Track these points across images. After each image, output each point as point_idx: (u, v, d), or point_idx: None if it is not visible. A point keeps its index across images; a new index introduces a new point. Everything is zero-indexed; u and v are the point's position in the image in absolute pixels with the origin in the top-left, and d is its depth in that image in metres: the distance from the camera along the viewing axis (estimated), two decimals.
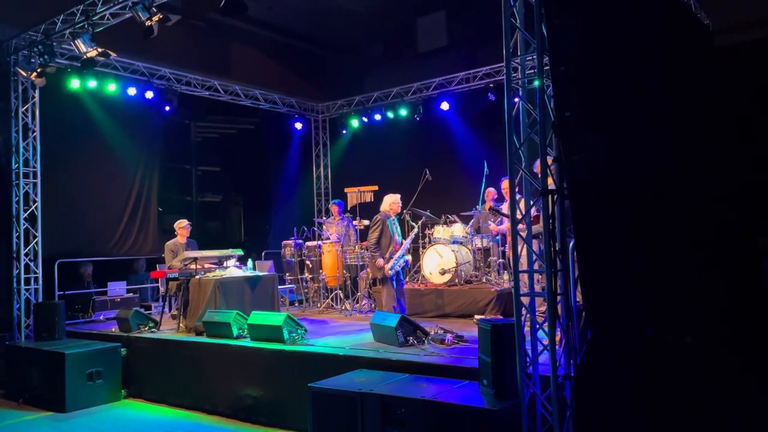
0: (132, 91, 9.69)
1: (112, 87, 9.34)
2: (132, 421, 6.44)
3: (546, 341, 4.06)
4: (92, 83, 8.99)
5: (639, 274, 4.02)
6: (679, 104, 4.80)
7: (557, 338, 4.14)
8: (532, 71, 4.42)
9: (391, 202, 7.70)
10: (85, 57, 7.53)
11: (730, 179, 5.30)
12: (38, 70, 7.94)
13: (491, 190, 8.98)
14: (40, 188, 8.47)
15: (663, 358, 3.78)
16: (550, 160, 4.21)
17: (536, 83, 4.18)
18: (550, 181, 4.18)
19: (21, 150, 8.34)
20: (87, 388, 6.94)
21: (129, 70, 9.66)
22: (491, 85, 10.24)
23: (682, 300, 3.93)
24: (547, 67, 4.12)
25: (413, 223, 8.58)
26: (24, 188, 8.35)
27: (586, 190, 4.01)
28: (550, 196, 4.08)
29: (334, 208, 10.05)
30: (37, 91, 8.47)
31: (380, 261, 7.36)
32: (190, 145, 13.51)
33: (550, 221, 4.05)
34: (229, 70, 11.24)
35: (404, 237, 8.02)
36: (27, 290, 8.28)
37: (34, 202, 8.41)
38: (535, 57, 4.19)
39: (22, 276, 8.23)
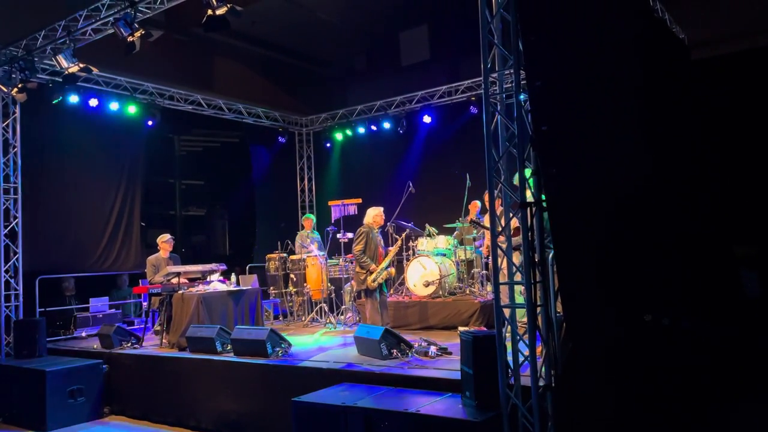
0: (114, 105, 9.67)
1: (94, 102, 9.29)
2: None
3: (527, 352, 4.10)
4: (74, 98, 8.95)
5: (617, 284, 4.08)
6: (655, 117, 4.90)
7: (538, 350, 4.18)
8: (511, 86, 4.49)
9: (375, 214, 7.73)
10: (66, 72, 7.51)
11: (706, 189, 5.41)
12: (19, 86, 7.90)
13: (476, 202, 9.05)
14: (21, 204, 8.40)
15: (643, 366, 3.84)
16: (528, 173, 4.27)
17: (514, 98, 4.25)
18: (528, 193, 4.24)
19: (1, 166, 8.28)
20: (68, 406, 6.85)
21: (111, 84, 9.63)
22: (473, 99, 10.35)
23: (659, 310, 3.99)
24: (524, 82, 4.19)
25: (396, 236, 8.62)
26: (4, 204, 8.27)
27: (564, 202, 4.08)
28: (528, 209, 4.14)
29: (308, 222, 10.14)
30: (17, 107, 8.42)
31: (373, 266, 7.37)
32: (173, 159, 13.49)
33: (529, 233, 4.10)
34: (212, 84, 11.26)
35: (387, 249, 8.05)
36: (7, 307, 8.17)
37: (15, 218, 8.33)
38: (513, 72, 4.27)
39: (2, 293, 8.13)
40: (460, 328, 7.36)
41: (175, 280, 7.79)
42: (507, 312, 4.37)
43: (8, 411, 7.10)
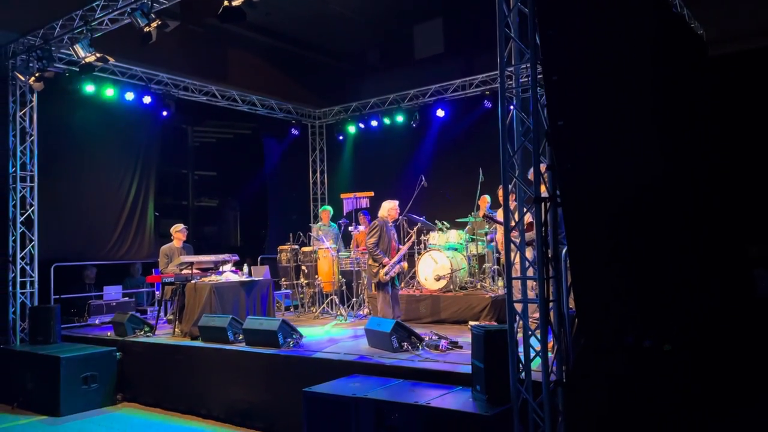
0: (130, 96, 9.74)
1: (110, 92, 9.38)
2: (127, 425, 6.44)
3: (539, 347, 4.10)
4: (90, 88, 9.02)
5: (630, 281, 4.06)
6: (672, 114, 4.86)
7: (550, 345, 4.18)
8: (527, 80, 4.47)
9: (390, 208, 7.74)
10: (83, 62, 7.57)
11: (721, 188, 5.36)
12: (36, 75, 7.97)
13: (485, 197, 9.04)
14: (37, 192, 8.49)
15: (650, 365, 3.82)
16: (543, 168, 4.25)
17: (530, 92, 4.23)
18: (543, 188, 4.22)
19: (18, 154, 8.37)
20: (82, 393, 6.95)
21: (127, 75, 9.70)
22: (487, 93, 10.32)
23: (671, 307, 3.97)
24: (540, 77, 4.17)
25: (410, 229, 8.63)
26: (21, 192, 8.36)
27: (579, 198, 4.06)
28: (542, 204, 4.12)
29: (325, 214, 10.10)
30: (35, 96, 8.50)
31: (386, 260, 7.39)
32: (187, 150, 13.57)
33: (543, 228, 4.09)
34: (226, 76, 11.30)
35: (401, 243, 8.06)
36: (23, 294, 8.28)
37: (31, 206, 8.43)
38: (529, 66, 4.25)
39: (18, 279, 8.24)
40: (471, 323, 7.36)
41: (187, 270, 7.84)
42: (519, 307, 4.37)
43: (22, 397, 7.19)
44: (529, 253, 5.08)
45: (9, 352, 7.75)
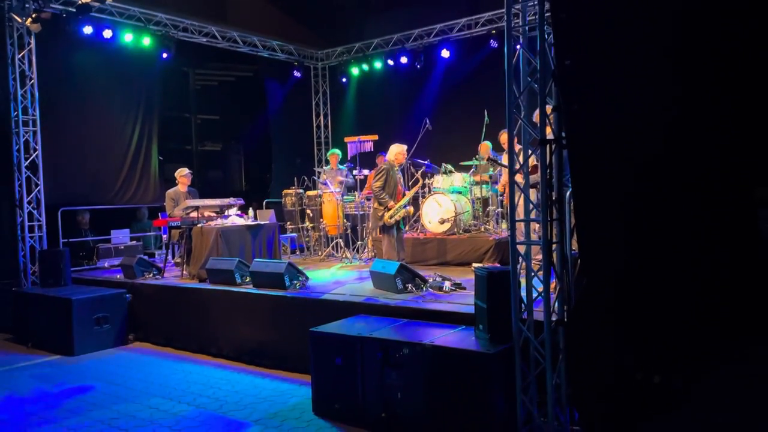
0: (128, 37, 9.57)
1: (108, 33, 9.19)
2: (139, 362, 6.64)
3: (541, 288, 4.15)
4: (88, 29, 8.84)
5: (634, 223, 4.07)
6: (682, 52, 4.74)
7: (552, 285, 4.23)
8: (534, 18, 4.36)
9: (397, 152, 7.70)
10: (80, 2, 7.41)
11: (735, 129, 5.29)
12: (33, 16, 7.82)
13: (486, 144, 8.91)
14: (41, 136, 8.47)
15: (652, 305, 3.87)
16: (549, 109, 4.20)
17: (537, 31, 4.13)
18: (548, 130, 4.18)
19: (19, 98, 8.30)
20: (94, 333, 7.14)
21: (125, 15, 9.48)
22: (493, 32, 10.09)
23: (675, 247, 3.99)
24: (548, 14, 4.05)
25: (415, 172, 8.61)
26: (24, 136, 8.34)
27: (585, 140, 4.01)
28: (548, 146, 4.09)
29: (334, 158, 9.99)
30: (32, 38, 8.35)
31: (392, 203, 7.43)
32: (188, 93, 13.43)
33: (548, 171, 4.08)
34: (226, 16, 11.04)
35: (406, 187, 8.06)
36: (31, 238, 8.39)
37: (35, 150, 8.43)
38: (536, 3, 4.13)
39: (26, 224, 8.33)
40: (475, 265, 7.44)
41: (194, 214, 7.90)
42: (522, 249, 4.40)
43: (36, 337, 7.40)
44: (534, 195, 5.08)
45: (22, 294, 7.92)
